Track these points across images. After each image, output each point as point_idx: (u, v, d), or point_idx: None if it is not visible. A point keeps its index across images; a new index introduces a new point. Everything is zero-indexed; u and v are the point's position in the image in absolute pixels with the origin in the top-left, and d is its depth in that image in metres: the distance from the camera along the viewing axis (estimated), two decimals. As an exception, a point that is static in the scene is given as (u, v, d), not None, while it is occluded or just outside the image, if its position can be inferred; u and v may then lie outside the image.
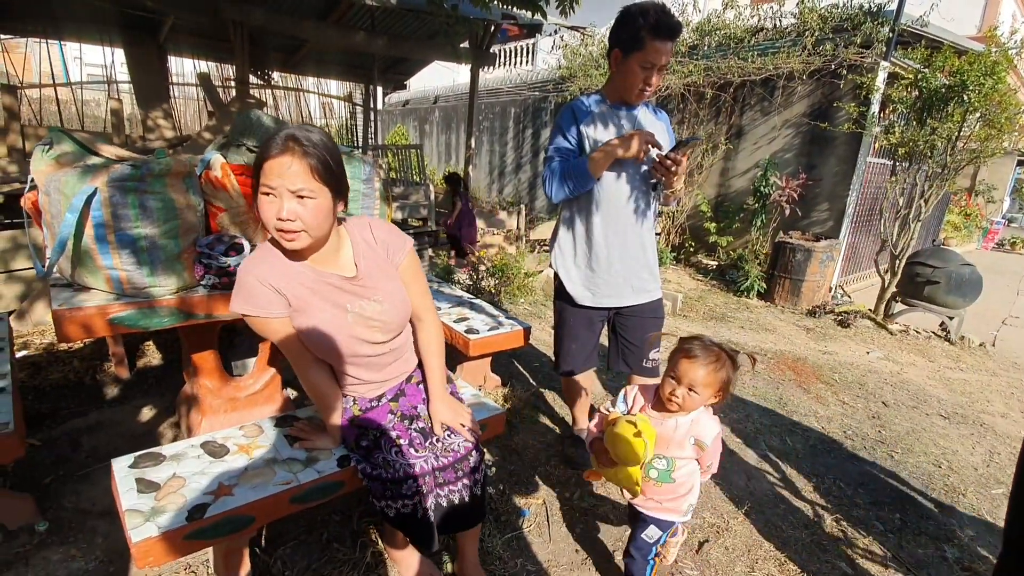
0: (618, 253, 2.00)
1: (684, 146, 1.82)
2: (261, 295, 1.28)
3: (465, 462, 1.48)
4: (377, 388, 1.52)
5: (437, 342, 1.56)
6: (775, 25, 6.30)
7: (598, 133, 1.92)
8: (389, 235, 1.44)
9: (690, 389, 1.42)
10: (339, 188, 1.27)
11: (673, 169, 1.81)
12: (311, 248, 1.29)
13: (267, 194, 1.19)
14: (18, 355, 2.75)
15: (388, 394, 1.54)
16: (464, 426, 1.52)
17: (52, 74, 7.39)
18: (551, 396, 2.98)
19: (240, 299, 1.30)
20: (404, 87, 10.27)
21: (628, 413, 1.54)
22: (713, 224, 6.52)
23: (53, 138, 1.62)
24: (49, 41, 6.52)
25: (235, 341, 2.83)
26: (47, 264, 1.56)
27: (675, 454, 1.50)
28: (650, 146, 1.86)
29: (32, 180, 1.62)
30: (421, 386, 1.60)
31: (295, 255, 1.31)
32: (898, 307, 5.00)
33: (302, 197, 1.19)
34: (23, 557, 1.64)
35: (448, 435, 1.51)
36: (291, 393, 2.69)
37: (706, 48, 6.63)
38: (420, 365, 1.62)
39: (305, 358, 1.38)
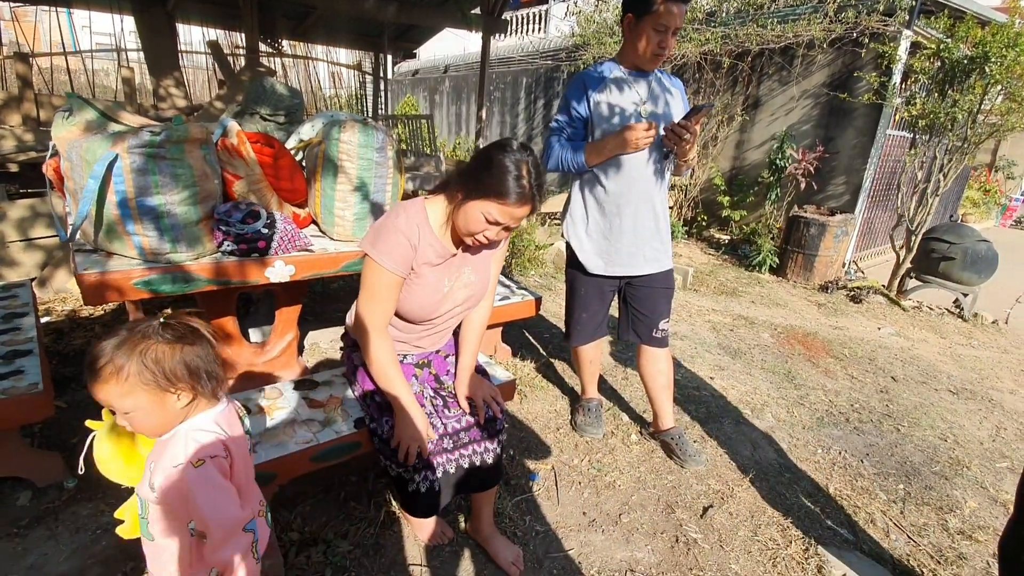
0: (630, 222, 2.00)
1: (696, 113, 1.80)
2: (399, 251, 1.37)
3: (485, 429, 1.53)
4: (408, 349, 1.60)
5: (484, 321, 1.67)
6: (796, -9, 6.10)
7: (612, 98, 1.92)
8: None
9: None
10: None
11: (685, 137, 1.81)
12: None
13: (492, 222, 1.34)
14: (42, 321, 2.82)
15: (415, 358, 1.61)
16: (487, 402, 1.57)
17: (62, 43, 7.37)
18: (561, 366, 3.02)
19: (379, 245, 1.37)
20: (414, 56, 10.12)
21: None
22: (726, 198, 6.45)
23: (73, 105, 1.64)
24: (58, 9, 6.47)
25: (251, 309, 2.89)
26: (70, 229, 1.59)
27: (147, 495, 1.00)
28: (656, 124, 1.86)
29: (54, 146, 1.65)
30: (449, 359, 1.66)
31: (453, 235, 1.45)
32: (912, 283, 4.96)
33: (510, 229, 1.39)
34: (53, 512, 1.71)
35: (470, 406, 1.56)
36: (307, 362, 2.75)
37: (724, 15, 6.45)
38: (453, 342, 1.71)
39: (385, 317, 1.44)
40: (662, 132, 1.89)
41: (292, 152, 2.13)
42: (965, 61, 4.32)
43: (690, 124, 1.79)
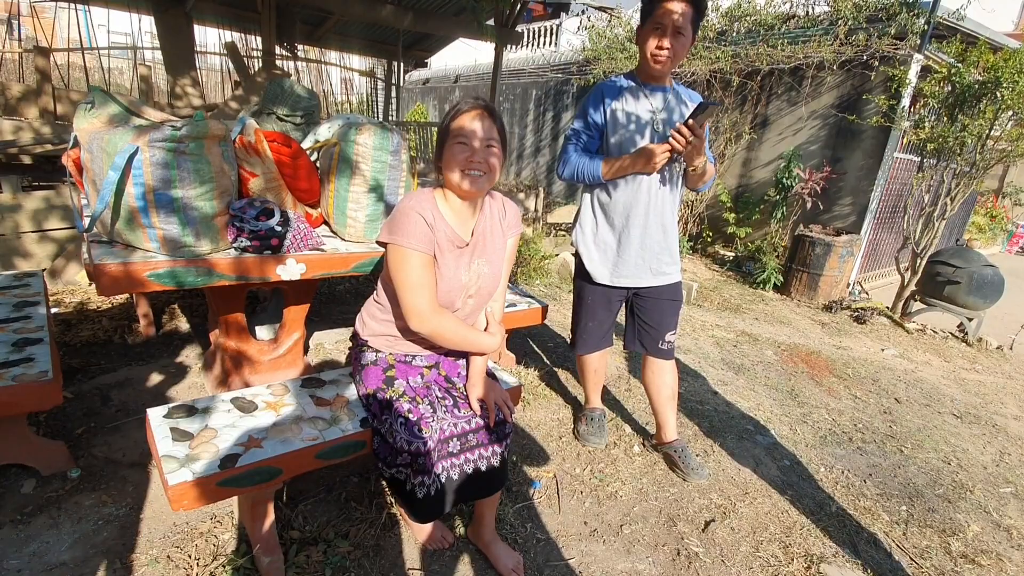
0: (638, 234, 2.01)
1: (702, 112, 1.72)
2: (418, 230, 1.39)
3: (493, 433, 1.53)
4: (418, 351, 1.60)
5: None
6: (807, 13, 6.16)
7: (628, 107, 1.94)
8: (514, 214, 1.62)
9: None
10: (507, 150, 1.50)
11: (691, 139, 1.75)
12: (477, 193, 1.45)
13: (461, 142, 1.37)
14: (51, 311, 2.84)
15: (425, 360, 1.61)
16: (498, 405, 1.56)
17: (80, 40, 7.46)
18: (564, 375, 3.02)
19: (397, 231, 1.39)
20: (425, 65, 10.22)
21: None
22: (732, 215, 6.47)
23: (96, 98, 1.66)
24: (76, 6, 6.57)
25: (257, 308, 2.90)
26: (87, 220, 1.61)
27: None
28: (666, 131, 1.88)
29: (75, 138, 1.67)
30: (459, 361, 1.67)
31: (465, 198, 1.46)
32: (916, 306, 4.96)
33: (490, 147, 1.40)
34: (56, 501, 1.72)
35: (481, 408, 1.55)
36: (312, 362, 2.76)
37: (735, 34, 6.51)
38: None
39: (433, 298, 1.43)
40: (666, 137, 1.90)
41: (307, 152, 2.15)
42: (976, 86, 4.35)
43: (695, 125, 1.74)
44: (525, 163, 10.44)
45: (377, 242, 1.46)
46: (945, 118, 4.68)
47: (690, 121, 1.75)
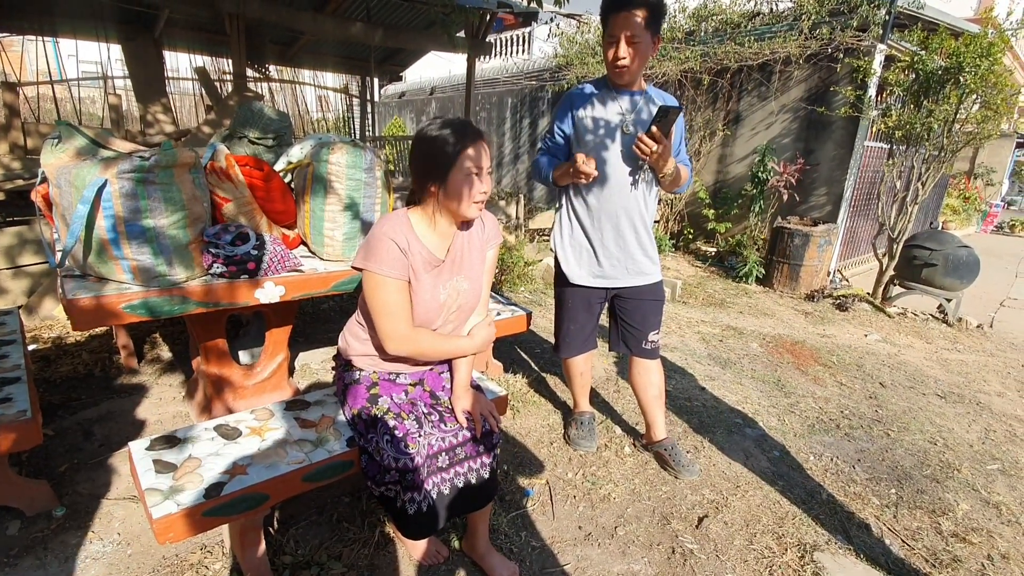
0: (610, 235, 2.04)
1: (663, 118, 1.75)
2: (392, 256, 1.39)
3: (481, 444, 1.53)
4: (402, 368, 1.59)
5: None
6: (771, 9, 6.29)
7: (596, 112, 1.98)
8: (493, 226, 1.64)
9: None
10: None
11: (655, 148, 1.78)
12: (475, 217, 1.49)
13: (474, 173, 1.40)
14: (29, 348, 2.79)
15: (409, 377, 1.61)
16: (484, 416, 1.57)
17: (49, 72, 7.38)
18: (553, 381, 3.02)
19: (371, 257, 1.39)
20: (400, 79, 10.23)
21: None
22: (711, 211, 6.54)
23: (62, 132, 1.65)
24: (45, 39, 6.51)
25: (241, 332, 2.87)
26: (59, 256, 1.59)
27: None
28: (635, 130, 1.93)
29: (43, 173, 1.66)
30: (443, 375, 1.67)
31: (468, 224, 1.52)
32: (896, 290, 5.04)
33: (490, 174, 1.45)
34: (42, 541, 1.69)
35: (467, 420, 1.55)
36: (298, 383, 2.74)
37: (703, 34, 6.62)
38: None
39: (408, 323, 1.44)
40: (628, 143, 1.93)
41: (281, 174, 2.15)
42: (939, 72, 4.46)
43: (656, 133, 1.77)
44: (505, 171, 10.48)
45: (353, 267, 1.47)
46: (911, 105, 4.78)
47: (652, 129, 1.77)
